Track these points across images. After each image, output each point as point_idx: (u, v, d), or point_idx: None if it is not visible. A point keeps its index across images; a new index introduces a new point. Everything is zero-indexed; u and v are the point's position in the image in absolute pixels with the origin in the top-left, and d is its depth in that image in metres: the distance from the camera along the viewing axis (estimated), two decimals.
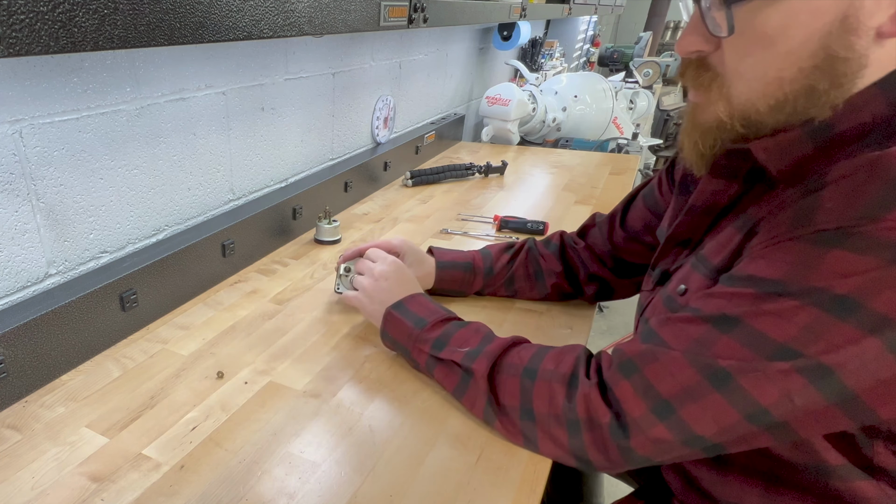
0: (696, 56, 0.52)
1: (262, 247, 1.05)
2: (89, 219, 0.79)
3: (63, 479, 0.57)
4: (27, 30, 0.42)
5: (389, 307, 0.74)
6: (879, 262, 0.40)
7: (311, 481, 0.57)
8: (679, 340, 0.50)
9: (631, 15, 5.37)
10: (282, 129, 1.13)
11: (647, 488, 0.74)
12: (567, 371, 0.59)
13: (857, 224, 0.42)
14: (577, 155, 1.81)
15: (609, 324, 2.33)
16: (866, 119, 0.46)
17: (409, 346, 0.71)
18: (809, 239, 0.44)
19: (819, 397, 0.44)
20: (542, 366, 0.60)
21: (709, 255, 0.56)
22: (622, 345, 0.56)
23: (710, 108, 0.52)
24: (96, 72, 0.74)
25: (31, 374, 0.68)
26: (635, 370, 0.52)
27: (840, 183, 0.44)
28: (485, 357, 0.63)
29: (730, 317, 0.47)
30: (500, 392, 0.62)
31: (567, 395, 0.57)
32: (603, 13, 3.43)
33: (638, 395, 0.51)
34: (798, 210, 0.46)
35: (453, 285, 0.89)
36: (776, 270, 0.45)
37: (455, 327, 0.69)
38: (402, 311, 0.73)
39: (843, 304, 0.42)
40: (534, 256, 0.89)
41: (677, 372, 0.49)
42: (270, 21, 0.66)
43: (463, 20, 1.29)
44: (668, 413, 0.50)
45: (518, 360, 0.62)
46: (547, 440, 0.58)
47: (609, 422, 0.53)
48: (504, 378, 0.62)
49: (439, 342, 0.68)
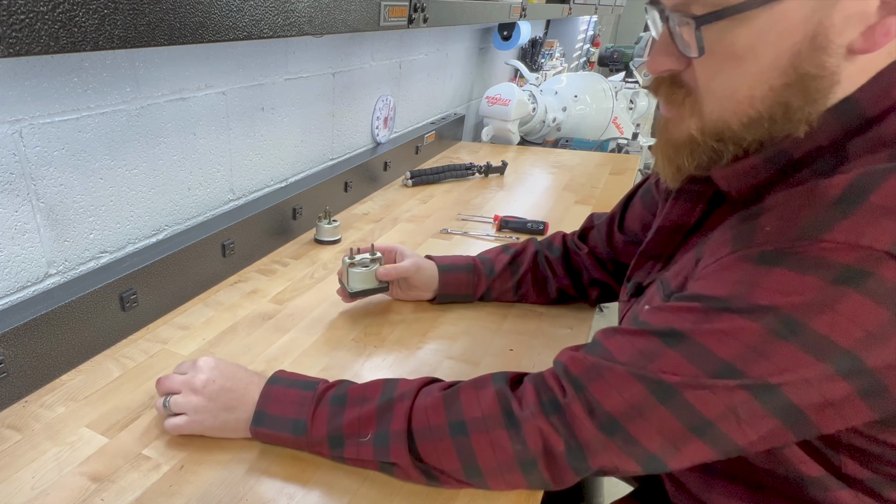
0: (668, 74, 0.52)
1: (262, 247, 1.05)
2: (89, 219, 0.79)
3: (63, 479, 0.57)
4: (27, 30, 0.42)
5: (252, 426, 0.59)
6: (820, 282, 0.41)
7: (312, 481, 0.57)
8: (624, 353, 0.49)
9: (631, 15, 5.37)
10: (282, 129, 1.13)
11: (645, 490, 0.74)
12: (497, 411, 0.53)
13: (794, 245, 0.42)
14: (577, 155, 1.81)
15: (609, 324, 2.33)
16: (821, 143, 0.47)
17: (305, 450, 0.60)
18: (751, 258, 0.45)
19: (762, 411, 0.44)
20: (467, 415, 0.54)
21: (670, 277, 0.57)
22: (565, 357, 0.54)
23: (682, 124, 0.52)
24: (96, 72, 0.74)
25: (31, 374, 0.68)
26: (582, 388, 0.50)
27: (777, 209, 0.45)
28: (397, 440, 0.55)
29: (677, 331, 0.47)
30: (433, 461, 0.55)
31: (513, 438, 0.52)
32: (603, 13, 3.43)
33: (587, 415, 0.49)
34: (738, 232, 0.47)
35: (459, 289, 0.88)
36: (721, 288, 0.46)
37: (338, 407, 0.58)
38: (271, 424, 0.59)
39: (787, 323, 0.42)
40: (541, 262, 0.88)
41: (623, 388, 0.48)
42: (270, 21, 0.66)
43: (463, 20, 1.29)
44: (617, 430, 0.48)
45: (435, 419, 0.55)
46: (501, 484, 0.55)
47: (563, 449, 0.50)
48: (431, 446, 0.54)
49: (333, 440, 0.57)
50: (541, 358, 0.77)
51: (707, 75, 0.48)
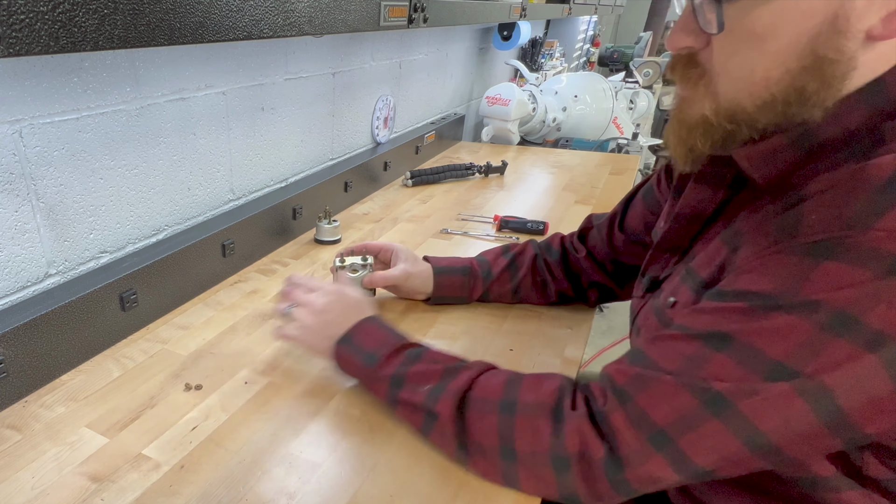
0: (686, 52, 0.52)
1: (262, 247, 1.05)
2: (89, 219, 0.79)
3: (63, 479, 0.57)
4: (27, 30, 0.42)
5: (336, 343, 0.67)
6: (872, 274, 0.39)
7: (311, 481, 0.57)
8: (670, 361, 0.48)
9: (631, 15, 5.37)
10: (282, 129, 1.13)
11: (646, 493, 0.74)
12: (550, 402, 0.54)
13: (845, 234, 0.41)
14: (577, 155, 1.81)
15: (609, 324, 2.33)
16: (850, 127, 0.46)
17: (367, 384, 0.66)
18: (798, 250, 0.43)
19: (813, 419, 0.42)
20: (521, 398, 0.55)
21: (697, 268, 0.55)
22: (611, 369, 0.53)
23: (696, 104, 0.52)
24: (96, 72, 0.74)
25: (31, 374, 0.68)
26: (628, 398, 0.49)
27: (823, 194, 0.44)
28: (449, 396, 0.58)
29: (722, 333, 0.45)
30: (474, 431, 0.56)
31: (554, 431, 0.52)
32: (603, 13, 3.43)
33: (632, 426, 0.48)
34: (781, 223, 0.46)
35: (454, 291, 0.87)
36: (766, 283, 0.44)
37: (411, 360, 0.63)
38: (351, 348, 0.66)
39: (839, 318, 0.40)
40: (540, 266, 0.88)
41: (672, 398, 0.47)
42: (270, 21, 0.66)
43: (463, 20, 1.29)
44: (666, 443, 0.47)
45: (491, 394, 0.57)
46: (531, 480, 0.54)
47: (603, 456, 0.49)
48: (476, 416, 0.56)
49: (396, 380, 0.62)
50: (541, 358, 0.77)
51: (725, 54, 0.48)
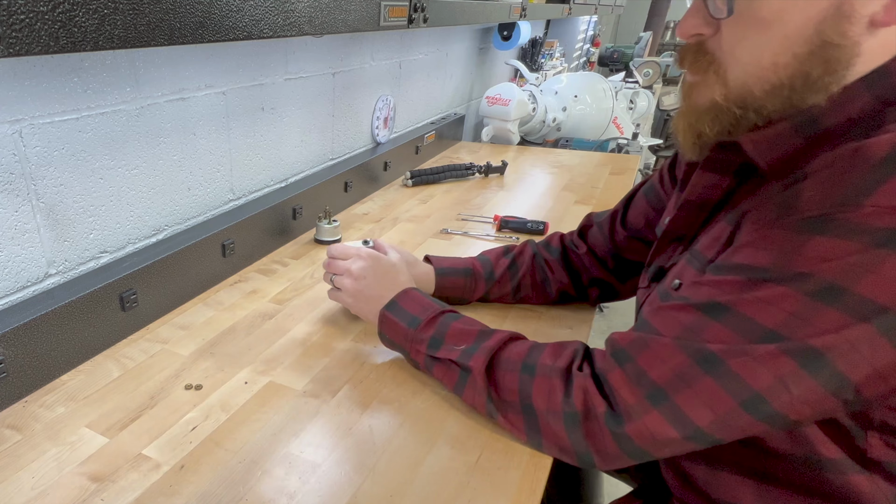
0: (696, 40, 0.53)
1: (262, 247, 1.05)
2: (89, 219, 0.79)
3: (63, 479, 0.57)
4: (27, 30, 0.42)
5: (383, 308, 0.73)
6: (860, 245, 0.41)
7: (311, 481, 0.57)
8: (669, 327, 0.51)
9: (631, 15, 5.37)
10: (282, 129, 1.13)
11: (645, 487, 0.74)
12: (564, 365, 0.59)
13: (838, 210, 0.43)
14: (577, 155, 1.81)
15: (609, 324, 2.33)
16: (853, 114, 0.48)
17: (406, 346, 0.71)
18: (792, 226, 0.45)
19: (808, 378, 0.44)
20: (541, 360, 0.60)
21: (702, 249, 0.57)
22: (615, 334, 0.57)
23: (706, 90, 0.53)
24: (96, 72, 0.74)
25: (31, 374, 0.68)
26: (628, 358, 0.53)
27: (821, 172, 0.46)
28: (482, 353, 0.63)
29: (719, 304, 0.48)
30: (499, 388, 0.62)
31: (565, 391, 0.57)
32: (603, 13, 3.43)
33: (631, 383, 0.52)
34: (781, 200, 0.48)
35: (455, 292, 0.87)
36: (761, 258, 0.46)
37: (450, 322, 0.69)
38: (396, 311, 0.72)
39: (828, 289, 0.42)
40: (539, 264, 0.88)
41: (668, 358, 0.50)
42: (270, 21, 0.66)
43: (463, 20, 1.29)
44: (662, 399, 0.50)
45: (516, 356, 0.62)
46: (549, 436, 0.59)
47: (604, 411, 0.53)
48: (502, 373, 0.62)
49: (435, 340, 0.68)
50: None
51: (733, 40, 0.50)
